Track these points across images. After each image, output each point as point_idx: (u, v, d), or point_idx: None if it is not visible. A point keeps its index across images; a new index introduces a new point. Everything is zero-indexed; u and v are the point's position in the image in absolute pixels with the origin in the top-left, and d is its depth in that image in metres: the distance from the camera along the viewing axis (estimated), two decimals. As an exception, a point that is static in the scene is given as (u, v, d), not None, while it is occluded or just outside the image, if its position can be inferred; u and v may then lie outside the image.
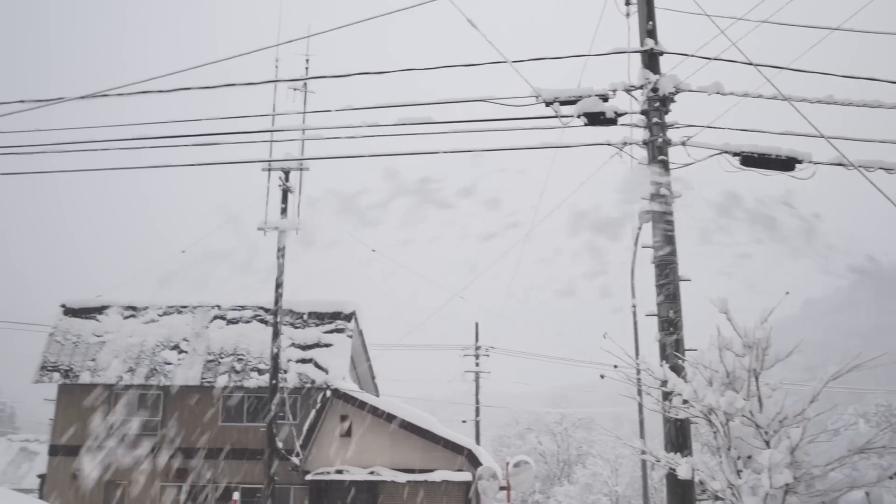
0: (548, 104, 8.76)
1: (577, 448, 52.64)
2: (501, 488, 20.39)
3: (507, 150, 9.11)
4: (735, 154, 8.64)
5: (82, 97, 10.17)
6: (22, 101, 9.98)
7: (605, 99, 8.75)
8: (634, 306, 21.52)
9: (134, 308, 25.55)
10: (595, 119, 8.70)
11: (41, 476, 25.17)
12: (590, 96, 8.71)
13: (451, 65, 9.18)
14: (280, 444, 21.07)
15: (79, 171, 10.55)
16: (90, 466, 23.57)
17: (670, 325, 8.46)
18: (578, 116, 8.73)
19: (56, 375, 24.07)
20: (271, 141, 11.55)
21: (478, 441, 34.47)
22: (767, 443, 7.26)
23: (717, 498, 7.45)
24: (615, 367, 8.33)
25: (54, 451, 24.25)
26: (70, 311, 25.55)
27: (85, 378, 23.81)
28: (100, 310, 25.49)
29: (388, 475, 21.36)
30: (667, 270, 8.54)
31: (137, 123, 9.84)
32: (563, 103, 8.79)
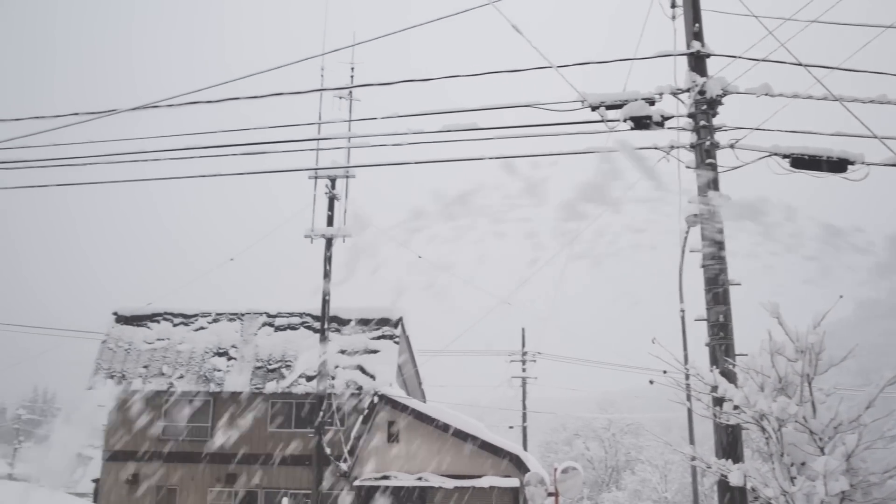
0: (593, 109, 8.72)
1: (625, 454, 52.14)
2: (549, 494, 20.27)
3: (552, 155, 9.10)
4: (785, 156, 8.51)
5: (134, 108, 10.39)
6: (76, 114, 10.22)
7: (651, 102, 8.68)
8: (683, 311, 21.26)
9: (184, 315, 25.99)
10: (641, 123, 8.63)
11: (96, 481, 25.68)
12: (636, 100, 8.65)
13: (495, 70, 9.19)
14: (328, 450, 21.24)
15: (131, 181, 10.79)
16: (143, 471, 24.02)
17: (720, 329, 8.35)
18: (625, 120, 8.68)
19: (109, 382, 24.56)
20: (317, 149, 11.66)
21: (525, 447, 34.36)
22: (822, 449, 7.13)
23: (770, 505, 7.34)
24: (664, 372, 8.25)
25: (108, 456, 24.73)
26: (122, 319, 26.07)
27: (137, 384, 24.27)
28: (151, 317, 25.98)
29: (435, 481, 21.37)
30: (716, 274, 8.44)
31: (187, 134, 10.01)
32: (608, 107, 8.74)
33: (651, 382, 8.74)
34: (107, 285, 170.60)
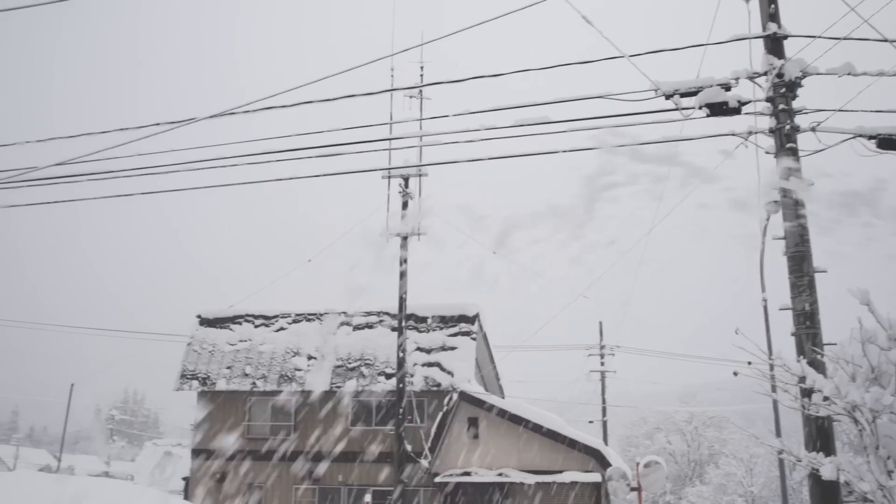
0: (667, 97, 8.56)
1: (708, 447, 51.18)
2: (632, 489, 20.02)
3: (626, 146, 8.97)
4: (871, 137, 8.20)
5: (212, 116, 10.63)
6: (157, 124, 10.52)
7: (727, 88, 8.47)
8: (765, 300, 20.75)
9: (264, 317, 26.54)
10: (718, 109, 8.43)
11: (185, 478, 26.46)
12: (711, 86, 8.46)
13: (566, 63, 9.11)
14: (409, 447, 21.41)
15: (212, 186, 11.06)
16: (229, 469, 24.63)
17: (806, 318, 8.10)
18: (700, 108, 8.49)
19: (195, 383, 25.27)
20: (390, 149, 11.75)
21: (605, 441, 34.01)
22: (920, 441, 6.86)
23: (865, 500, 7.10)
24: (749, 363, 8.05)
25: (196, 454, 25.45)
26: (205, 322, 26.77)
27: (221, 385, 24.89)
28: (233, 319, 26.60)
29: (516, 477, 21.33)
30: (800, 262, 8.20)
31: (262, 139, 10.20)
32: (683, 95, 8.57)
33: (735, 374, 8.52)
34: (190, 289, 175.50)
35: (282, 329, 26.02)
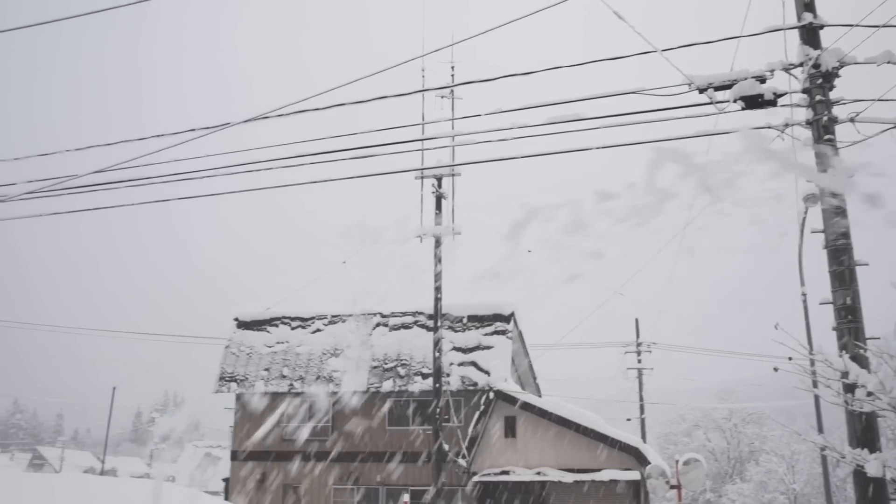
0: (701, 91, 8.48)
1: (748, 444, 50.55)
2: (671, 487, 19.86)
3: (659, 141, 8.90)
4: (911, 126, 8.05)
5: (246, 121, 10.74)
6: (192, 130, 10.64)
7: (762, 80, 8.37)
8: (804, 294, 20.45)
9: (301, 319, 26.73)
10: (753, 102, 8.34)
11: (225, 479, 26.74)
12: (746, 79, 8.36)
13: (598, 59, 9.06)
14: (446, 447, 21.43)
15: (248, 190, 11.17)
16: (269, 470, 24.86)
17: (848, 312, 7.98)
18: (735, 101, 8.40)
19: (233, 385, 25.53)
20: (422, 149, 11.76)
21: (643, 439, 33.77)
22: (967, 435, 6.72)
23: (912, 496, 6.97)
24: (790, 359, 7.94)
25: (235, 456, 25.71)
26: (243, 325, 27.03)
27: (259, 387, 25.12)
28: (269, 321, 26.83)
29: (554, 475, 21.26)
30: (841, 255, 8.07)
31: (296, 142, 10.27)
32: (717, 89, 8.49)
33: (776, 370, 8.42)
34: (227, 292, 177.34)
35: (318, 331, 26.20)
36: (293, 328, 26.52)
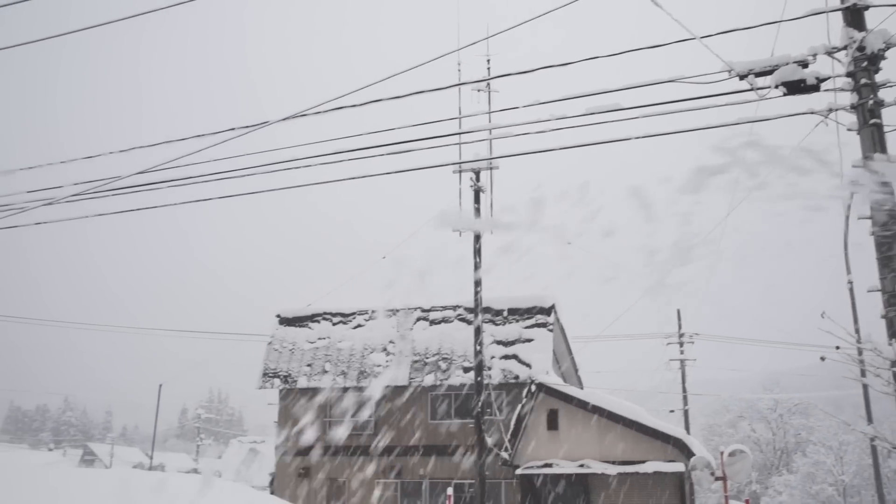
0: (742, 77, 8.36)
1: (794, 435, 49.93)
2: (717, 478, 19.66)
3: (700, 129, 8.80)
4: (960, 109, 7.86)
5: (284, 119, 10.82)
6: (232, 129, 10.76)
7: (804, 65, 8.23)
8: (851, 282, 20.08)
9: (342, 314, 26.92)
10: (795, 88, 8.20)
11: (271, 474, 27.05)
12: (787, 64, 8.23)
13: (635, 48, 8.99)
14: (488, 440, 21.45)
15: (287, 188, 11.27)
16: (313, 465, 25.10)
17: (897, 300, 7.82)
18: (776, 87, 8.27)
19: (276, 381, 25.80)
20: (460, 143, 11.77)
21: (687, 431, 33.48)
22: None
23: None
24: (837, 348, 7.83)
25: (280, 450, 26.01)
26: (285, 321, 27.29)
27: (302, 382, 25.37)
28: (311, 318, 27.07)
29: (598, 468, 21.17)
30: (888, 241, 7.92)
31: (336, 138, 10.33)
32: (758, 75, 8.36)
33: (822, 359, 8.30)
34: (268, 289, 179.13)
35: (359, 326, 26.37)
36: (334, 324, 26.72)
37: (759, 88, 8.38)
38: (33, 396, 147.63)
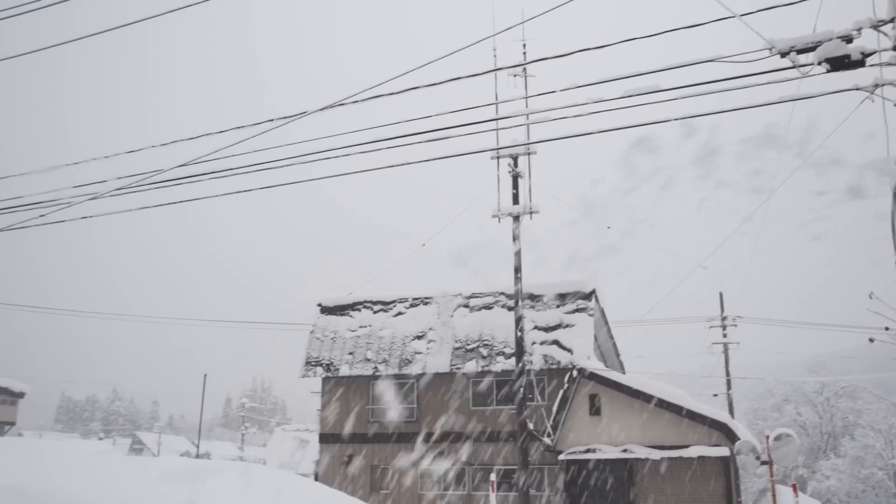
0: (783, 55, 8.21)
1: (842, 419, 49.12)
2: (762, 462, 19.47)
3: (741, 109, 8.68)
4: None
5: (322, 109, 10.88)
6: (271, 120, 10.84)
7: (848, 40, 8.06)
8: (899, 262, 19.68)
9: (382, 302, 27.06)
10: (839, 63, 8.04)
11: (316, 461, 27.34)
12: (830, 39, 8.07)
13: (675, 28, 8.87)
14: (531, 426, 21.46)
15: (325, 178, 11.34)
16: (356, 452, 25.33)
17: (947, 278, 7.66)
18: (819, 63, 8.12)
19: (319, 370, 26.04)
20: (497, 129, 11.73)
21: (731, 415, 33.16)
22: None
23: None
24: (886, 329, 7.69)
25: (323, 438, 26.27)
26: (326, 310, 27.52)
27: (344, 371, 25.57)
28: (352, 306, 27.25)
29: (641, 452, 21.08)
30: (938, 219, 7.75)
31: (371, 127, 10.37)
32: (800, 52, 8.21)
33: (871, 340, 8.17)
34: (309, 278, 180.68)
35: (400, 314, 26.48)
36: (375, 312, 26.88)
37: (801, 66, 8.24)
38: (83, 387, 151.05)
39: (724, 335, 36.21)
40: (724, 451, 20.55)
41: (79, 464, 7.04)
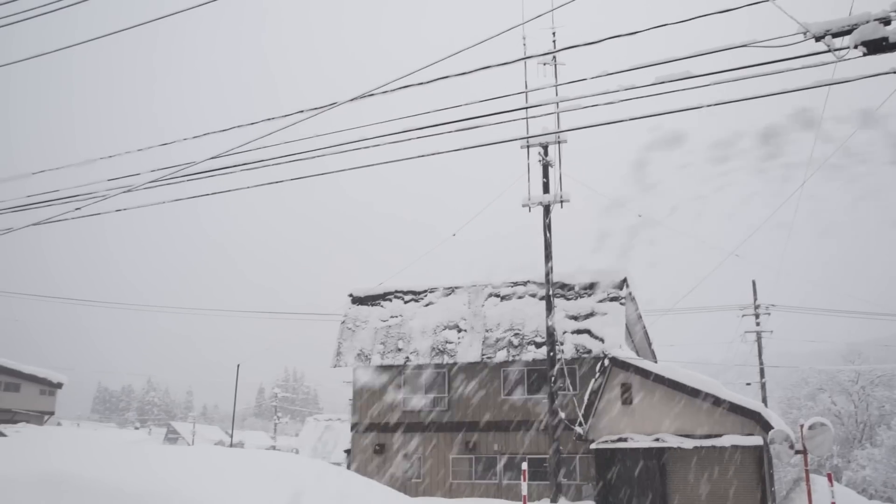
0: (818, 39, 8.10)
1: (878, 408, 48.45)
2: (796, 452, 19.29)
3: (774, 95, 8.58)
4: None
5: (352, 99, 10.92)
6: (301, 111, 10.91)
7: (886, 22, 7.93)
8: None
9: (413, 292, 27.14)
10: (876, 47, 7.91)
11: (347, 451, 27.53)
12: (867, 22, 7.94)
13: (707, 13, 8.78)
14: (562, 415, 21.45)
15: (356, 168, 11.39)
16: (387, 441, 25.47)
17: None
18: (855, 47, 7.99)
19: (350, 359, 26.20)
20: (527, 118, 11.70)
21: (765, 404, 32.89)
22: None
23: None
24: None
25: (355, 428, 26.45)
26: (357, 300, 27.66)
27: (375, 360, 25.70)
28: (383, 296, 27.36)
29: (673, 441, 20.99)
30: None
31: (404, 117, 10.39)
32: (835, 35, 8.09)
33: (908, 327, 8.03)
34: (341, 269, 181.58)
35: (430, 303, 26.55)
36: (406, 302, 26.96)
37: (836, 50, 8.12)
38: (118, 377, 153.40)
39: (758, 323, 35.91)
40: (757, 441, 20.40)
41: (117, 451, 7.19)
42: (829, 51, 8.22)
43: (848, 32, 8.03)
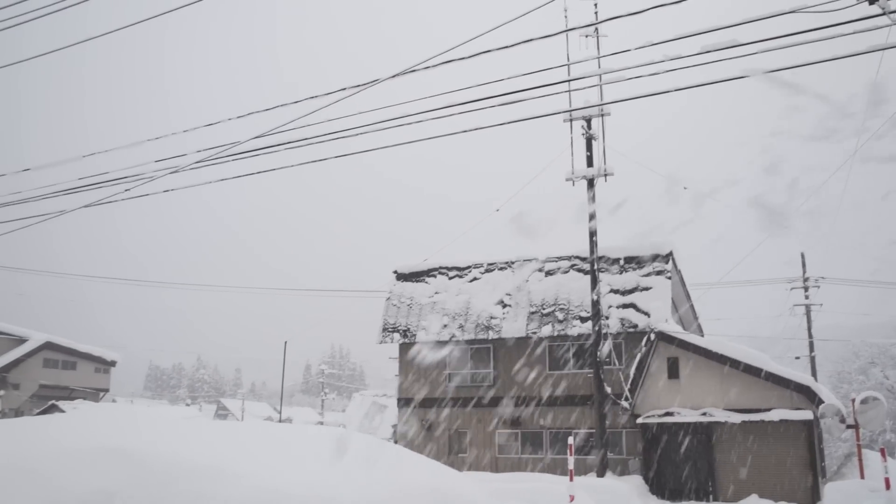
0: (872, 2, 7.88)
1: (932, 381, 47.45)
2: (848, 426, 19.02)
3: (826, 61, 8.37)
4: None
5: (393, 76, 10.92)
6: (343, 89, 10.94)
7: (943, -17, 7.68)
8: None
9: (457, 268, 27.17)
10: (932, 9, 7.67)
11: (394, 426, 27.78)
12: (923, -16, 7.70)
13: (754, -20, 8.58)
14: (608, 390, 21.39)
15: (398, 144, 11.42)
16: (433, 416, 25.65)
17: None
18: (911, 9, 7.76)
19: (396, 336, 26.37)
20: (570, 91, 11.58)
21: (814, 378, 32.42)
22: None
23: None
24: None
25: (401, 403, 26.68)
26: (402, 277, 27.78)
27: (421, 336, 25.83)
28: (427, 272, 27.44)
29: (721, 416, 20.83)
30: None
31: (445, 92, 10.37)
32: (890, -2, 7.86)
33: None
34: (385, 245, 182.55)
35: (475, 279, 26.57)
36: (451, 278, 27.01)
37: (891, 12, 7.90)
38: (169, 355, 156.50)
39: (807, 296, 35.33)
40: (807, 415, 20.16)
41: (171, 426, 7.34)
42: (883, 13, 8.00)
43: (903, -6, 7.80)
